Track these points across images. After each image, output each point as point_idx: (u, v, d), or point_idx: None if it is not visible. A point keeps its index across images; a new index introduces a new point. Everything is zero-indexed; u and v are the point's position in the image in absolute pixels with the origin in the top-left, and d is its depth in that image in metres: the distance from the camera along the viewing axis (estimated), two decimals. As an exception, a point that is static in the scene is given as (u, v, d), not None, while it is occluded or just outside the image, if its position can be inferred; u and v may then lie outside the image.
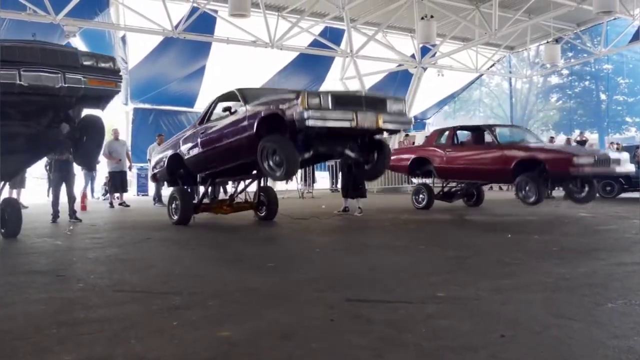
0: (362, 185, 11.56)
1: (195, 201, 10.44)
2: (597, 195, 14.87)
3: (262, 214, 10.49)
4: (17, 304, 4.09)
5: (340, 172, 12.50)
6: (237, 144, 8.68)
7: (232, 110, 8.84)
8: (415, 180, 16.03)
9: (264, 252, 6.84)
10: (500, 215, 11.15)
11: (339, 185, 19.68)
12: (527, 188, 11.07)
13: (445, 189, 13.51)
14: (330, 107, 7.49)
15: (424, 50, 21.11)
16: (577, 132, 23.84)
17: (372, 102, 8.06)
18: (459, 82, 26.67)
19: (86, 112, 7.60)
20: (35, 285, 4.77)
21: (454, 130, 13.24)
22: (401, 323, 3.49)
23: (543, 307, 3.81)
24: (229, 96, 9.45)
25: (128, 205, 14.15)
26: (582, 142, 19.24)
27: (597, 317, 3.54)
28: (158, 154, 11.50)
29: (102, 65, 6.74)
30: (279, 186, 20.19)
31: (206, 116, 9.90)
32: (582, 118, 39.66)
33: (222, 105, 9.47)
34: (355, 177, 11.12)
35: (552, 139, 17.24)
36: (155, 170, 11.37)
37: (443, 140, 13.17)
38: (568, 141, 16.66)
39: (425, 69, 21.87)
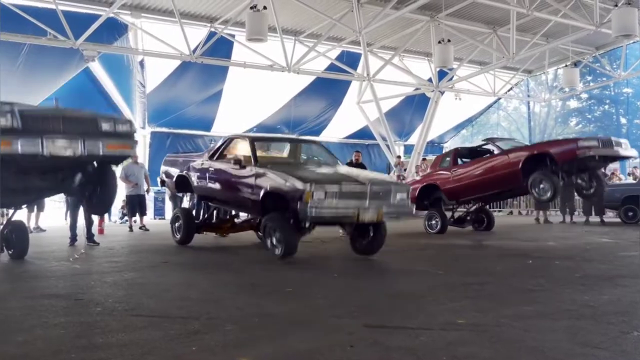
0: None
1: (197, 221, 10.59)
2: (619, 220, 14.74)
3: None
4: (36, 327, 4.09)
5: None
6: (242, 198, 8.92)
7: (243, 164, 8.85)
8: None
9: (280, 276, 6.81)
10: (520, 240, 11.02)
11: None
12: (541, 185, 11.11)
13: (456, 215, 13.44)
14: (334, 204, 7.58)
15: (441, 74, 21.12)
16: (597, 156, 23.65)
17: (377, 195, 7.96)
18: (477, 106, 26.59)
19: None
20: (54, 309, 4.78)
21: (455, 150, 13.42)
22: (421, 350, 3.44)
23: (567, 335, 3.73)
24: (242, 141, 9.65)
25: (147, 229, 14.18)
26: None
27: (623, 346, 3.47)
28: (169, 164, 11.55)
29: (120, 129, 6.98)
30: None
31: (217, 152, 9.89)
32: (602, 142, 39.22)
33: (235, 142, 9.72)
34: None
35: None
36: (164, 178, 11.60)
37: (446, 162, 13.24)
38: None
39: (442, 93, 21.86)
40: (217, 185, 9.62)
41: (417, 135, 22.72)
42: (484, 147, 13.24)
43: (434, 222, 12.84)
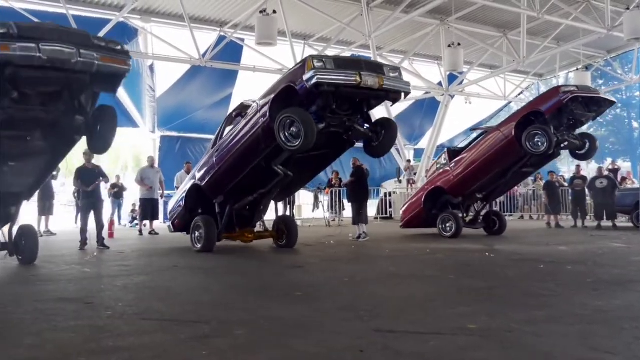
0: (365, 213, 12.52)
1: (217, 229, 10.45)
2: (632, 225, 14.63)
3: (282, 243, 10.61)
4: (46, 331, 4.10)
5: (352, 203, 12.83)
6: (254, 139, 9.00)
7: (243, 113, 9.40)
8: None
9: (290, 280, 6.80)
10: (531, 244, 10.95)
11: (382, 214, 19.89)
12: (535, 138, 11.36)
13: (467, 218, 13.43)
14: (333, 67, 8.18)
15: (451, 78, 21.09)
16: (608, 160, 23.45)
17: (371, 66, 8.72)
18: (487, 110, 26.53)
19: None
20: (64, 312, 4.79)
21: (447, 150, 13.74)
22: (432, 355, 3.41)
23: (579, 340, 3.70)
24: (237, 109, 10.08)
25: (157, 234, 14.21)
26: (614, 171, 18.93)
27: (636, 352, 3.43)
28: (173, 200, 11.63)
29: (112, 46, 7.01)
30: (305, 214, 20.25)
31: (218, 137, 10.30)
32: (614, 146, 38.94)
33: (230, 116, 10.16)
34: (361, 206, 12.16)
35: (578, 167, 17.01)
36: (174, 216, 11.33)
37: (443, 162, 13.49)
38: (600, 170, 16.35)
39: (452, 97, 21.81)
40: (227, 156, 9.60)
41: (427, 139, 22.70)
42: (472, 139, 13.59)
43: (448, 225, 12.69)
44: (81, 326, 4.26)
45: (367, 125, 9.39)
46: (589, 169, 23.52)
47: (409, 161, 21.60)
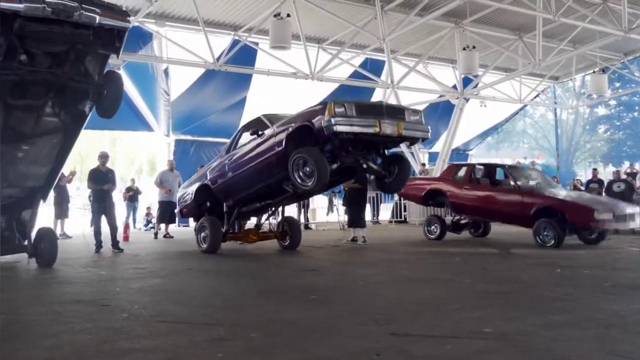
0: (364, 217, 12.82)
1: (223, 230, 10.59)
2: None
3: (286, 244, 10.83)
4: (63, 333, 4.13)
5: (348, 206, 13.07)
6: (267, 163, 9.07)
7: (260, 132, 9.30)
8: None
9: (304, 283, 6.80)
10: (546, 248, 10.86)
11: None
12: (544, 232, 10.99)
13: (455, 221, 13.48)
14: (354, 114, 8.02)
15: (466, 81, 20.99)
16: (626, 164, 23.23)
17: (392, 111, 8.61)
18: (503, 113, 26.37)
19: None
20: (81, 314, 4.82)
21: (470, 169, 13.23)
22: (447, 359, 3.39)
23: (596, 345, 3.66)
24: (254, 123, 9.95)
25: (172, 237, 14.28)
26: (632, 174, 18.74)
27: (656, 357, 3.38)
28: (183, 189, 11.73)
29: (110, 5, 7.15)
30: (320, 217, 20.24)
31: (232, 145, 10.36)
32: (631, 150, 38.59)
33: (248, 133, 9.89)
34: (361, 209, 12.46)
35: (594, 171, 16.87)
36: (183, 205, 11.70)
37: (460, 176, 13.16)
38: (617, 174, 16.20)
39: (467, 100, 21.72)
40: (238, 170, 9.74)
41: (441, 142, 22.59)
42: (500, 170, 13.10)
43: (433, 227, 13.03)
44: (97, 328, 4.28)
45: (380, 160, 9.33)
46: (606, 172, 23.32)
47: (423, 164, 21.52)
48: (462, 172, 13.22)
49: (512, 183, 11.91)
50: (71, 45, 6.89)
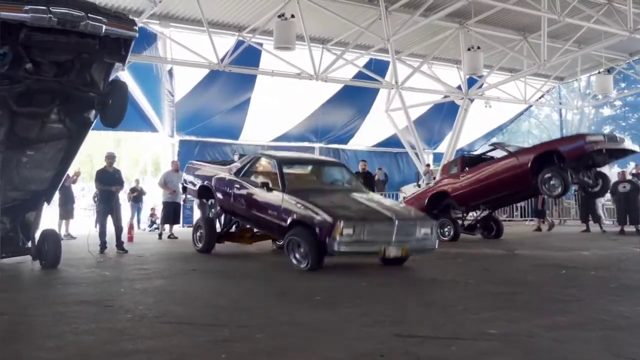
0: None
1: (218, 230, 10.68)
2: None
3: (281, 243, 10.57)
4: (67, 334, 4.12)
5: None
6: (267, 220, 8.99)
7: (270, 188, 8.96)
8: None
9: (309, 284, 6.78)
10: (553, 249, 10.83)
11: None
12: (551, 182, 11.35)
13: (466, 223, 13.55)
14: (361, 237, 7.70)
15: (471, 82, 20.94)
16: (632, 164, 23.10)
17: (405, 228, 8.07)
18: (507, 114, 26.29)
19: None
20: (84, 315, 4.82)
21: (462, 158, 13.62)
22: (453, 361, 3.38)
23: (602, 346, 3.64)
24: (269, 161, 9.72)
25: (176, 237, 14.27)
26: (637, 175, 18.66)
27: (662, 359, 3.36)
28: (193, 175, 11.64)
29: (117, 14, 7.21)
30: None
31: (243, 169, 10.02)
32: (637, 150, 38.49)
33: (262, 161, 9.91)
34: None
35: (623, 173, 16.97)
36: (187, 185, 11.77)
37: (454, 169, 13.38)
38: (622, 174, 16.16)
39: (472, 101, 21.66)
40: (241, 204, 9.70)
41: (446, 143, 22.55)
42: (490, 153, 13.55)
43: (446, 229, 12.85)
44: (101, 329, 4.28)
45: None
46: (612, 173, 23.22)
47: (428, 165, 21.46)
48: (454, 165, 13.53)
49: (503, 152, 12.54)
50: (77, 55, 6.90)
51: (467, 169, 13.10)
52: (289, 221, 8.36)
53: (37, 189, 8.40)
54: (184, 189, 12.18)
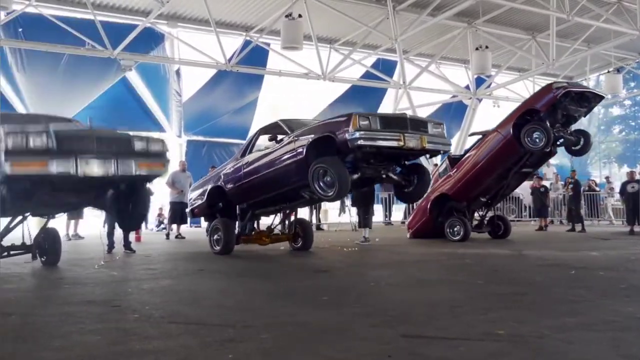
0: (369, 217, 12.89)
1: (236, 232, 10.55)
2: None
3: (298, 245, 10.80)
4: (73, 334, 4.12)
5: (359, 207, 13.16)
6: (285, 170, 8.93)
7: (278, 139, 9.13)
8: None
9: (316, 285, 6.77)
10: (561, 249, 10.77)
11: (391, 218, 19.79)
12: (534, 134, 11.55)
13: (472, 222, 13.44)
14: (379, 128, 8.02)
15: (479, 81, 20.90)
16: (641, 164, 23.00)
17: (416, 124, 8.55)
18: (516, 113, 26.20)
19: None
20: (91, 315, 4.82)
21: (448, 157, 13.58)
22: (460, 362, 3.35)
23: (611, 348, 3.61)
24: (271, 127, 9.81)
25: (183, 237, 14.30)
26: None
27: (672, 360, 3.33)
28: (195, 190, 11.65)
29: (153, 148, 7.16)
30: (332, 218, 20.20)
31: (248, 148, 10.19)
32: (646, 150, 38.26)
33: (264, 136, 9.83)
34: (367, 210, 12.64)
35: (607, 179, 16.96)
36: (194, 205, 11.50)
37: (444, 169, 13.59)
38: (631, 174, 16.08)
39: (480, 100, 21.61)
40: (255, 175, 9.61)
41: (454, 143, 22.49)
42: (472, 145, 13.67)
43: (455, 229, 12.71)
44: (108, 329, 4.28)
45: (399, 170, 9.34)
46: (621, 173, 23.08)
47: (435, 165, 21.43)
48: (442, 166, 13.79)
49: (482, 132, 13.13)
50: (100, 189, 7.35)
51: (454, 162, 13.33)
52: (306, 146, 8.40)
53: None
54: (192, 211, 11.73)
